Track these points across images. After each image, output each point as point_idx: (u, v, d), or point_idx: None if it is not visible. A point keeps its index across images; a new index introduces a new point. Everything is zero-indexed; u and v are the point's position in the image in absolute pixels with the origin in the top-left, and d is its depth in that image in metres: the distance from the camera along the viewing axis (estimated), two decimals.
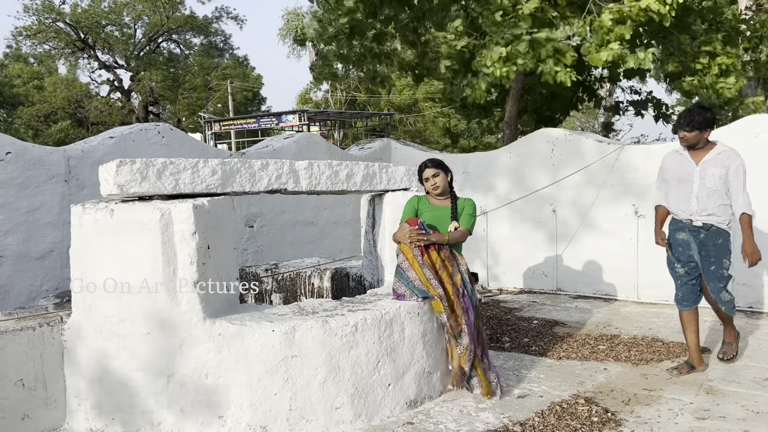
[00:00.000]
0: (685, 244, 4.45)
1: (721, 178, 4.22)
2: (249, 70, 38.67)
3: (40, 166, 5.22)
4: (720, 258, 4.31)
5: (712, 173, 4.25)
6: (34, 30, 31.57)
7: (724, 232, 4.30)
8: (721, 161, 4.23)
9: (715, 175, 4.24)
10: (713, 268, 4.34)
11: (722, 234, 4.30)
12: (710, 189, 4.26)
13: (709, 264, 4.35)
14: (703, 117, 4.20)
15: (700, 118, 4.19)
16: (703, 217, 4.32)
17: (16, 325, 3.51)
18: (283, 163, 4.12)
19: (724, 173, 4.21)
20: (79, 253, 3.65)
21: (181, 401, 3.45)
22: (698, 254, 4.41)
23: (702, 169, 4.29)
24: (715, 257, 4.31)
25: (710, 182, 4.26)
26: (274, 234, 7.47)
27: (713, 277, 4.35)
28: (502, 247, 8.02)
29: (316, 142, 8.10)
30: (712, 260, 4.33)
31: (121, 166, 3.42)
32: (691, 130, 4.24)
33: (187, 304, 3.45)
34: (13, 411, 3.43)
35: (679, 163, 4.43)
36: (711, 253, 4.32)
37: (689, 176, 4.35)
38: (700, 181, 4.29)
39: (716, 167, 4.23)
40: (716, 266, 4.33)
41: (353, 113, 26.79)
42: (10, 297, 4.99)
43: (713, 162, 4.25)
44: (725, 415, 3.67)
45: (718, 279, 4.34)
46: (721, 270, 4.33)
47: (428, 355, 3.95)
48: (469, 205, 4.29)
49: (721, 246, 4.30)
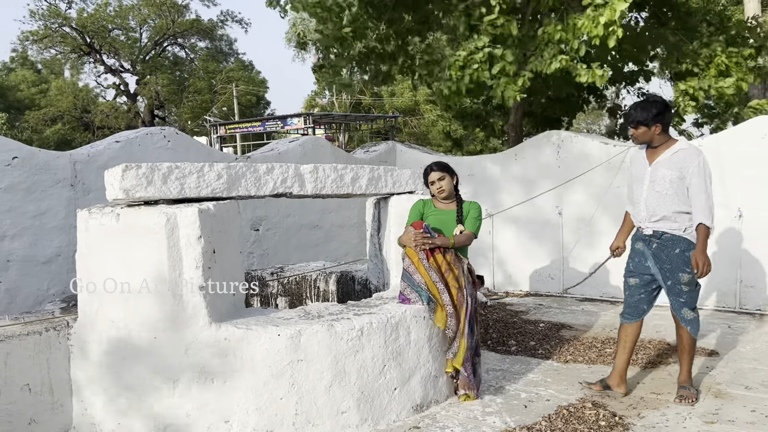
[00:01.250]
0: (641, 255, 4.00)
1: (674, 182, 3.76)
2: (254, 74, 38.79)
3: (47, 171, 5.24)
4: (675, 271, 3.81)
5: (662, 175, 3.80)
6: (40, 35, 31.76)
7: (680, 240, 3.80)
8: (675, 162, 3.76)
9: (665, 178, 3.78)
10: (669, 283, 3.86)
11: (678, 242, 3.80)
12: (659, 193, 3.81)
13: (665, 277, 3.88)
14: (646, 112, 3.78)
15: (643, 114, 3.79)
16: (653, 224, 3.87)
17: (22, 330, 3.51)
18: (288, 167, 4.11)
19: (678, 176, 3.75)
20: (85, 257, 3.65)
21: (187, 406, 3.44)
22: (655, 266, 3.93)
23: (653, 170, 3.85)
24: (670, 270, 3.83)
25: (660, 185, 3.81)
26: (280, 237, 7.47)
27: (670, 292, 3.89)
28: (508, 250, 8.00)
29: (321, 145, 8.10)
30: (668, 273, 3.86)
31: (127, 171, 3.42)
32: (637, 127, 3.84)
33: (193, 308, 3.44)
34: (20, 416, 3.43)
35: (637, 163, 4.02)
36: (665, 266, 3.85)
37: (642, 178, 3.93)
38: (650, 183, 3.86)
39: (669, 169, 3.77)
40: (672, 280, 3.84)
41: (358, 116, 26.82)
42: (17, 301, 5.00)
43: (666, 163, 3.80)
44: (734, 419, 3.64)
45: (676, 294, 3.86)
46: (679, 285, 3.83)
47: (434, 359, 3.94)
48: (474, 209, 4.28)
49: (677, 257, 3.80)
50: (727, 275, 6.49)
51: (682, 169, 3.75)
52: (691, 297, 3.87)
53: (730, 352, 5.02)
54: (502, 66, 6.86)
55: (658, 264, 3.90)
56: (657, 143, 3.87)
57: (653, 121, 3.80)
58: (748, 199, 6.33)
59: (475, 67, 6.92)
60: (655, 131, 3.83)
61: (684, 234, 3.80)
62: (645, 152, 3.96)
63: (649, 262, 3.96)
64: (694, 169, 3.72)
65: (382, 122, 26.71)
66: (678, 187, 3.77)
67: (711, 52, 7.78)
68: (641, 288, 4.03)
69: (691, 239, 3.79)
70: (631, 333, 4.08)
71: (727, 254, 6.47)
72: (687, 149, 3.79)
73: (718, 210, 6.40)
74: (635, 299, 4.07)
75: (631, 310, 4.09)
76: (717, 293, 6.57)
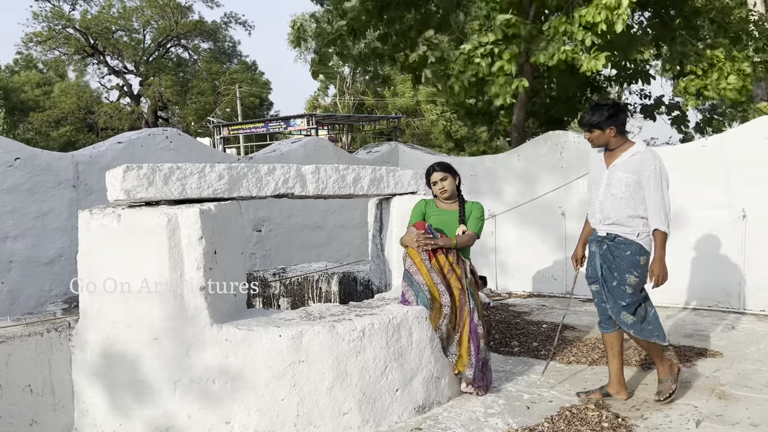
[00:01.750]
0: (593, 258, 3.94)
1: (630, 185, 3.70)
2: (257, 75, 38.83)
3: (49, 172, 5.24)
4: (623, 272, 3.74)
5: (618, 178, 3.74)
6: (44, 36, 31.85)
7: (632, 244, 3.73)
8: (631, 166, 3.71)
9: (621, 181, 3.73)
10: (615, 284, 3.78)
11: (629, 245, 3.73)
12: (615, 196, 3.76)
13: (612, 278, 3.79)
14: (599, 114, 3.74)
15: (596, 117, 3.75)
16: (607, 227, 3.82)
17: (24, 331, 3.51)
18: (290, 168, 4.11)
19: (635, 180, 3.69)
20: (86, 258, 3.65)
21: (188, 407, 3.44)
22: (600, 267, 3.87)
23: (610, 173, 3.80)
24: (618, 271, 3.76)
25: (615, 188, 3.75)
26: (282, 238, 7.47)
27: (613, 294, 3.80)
28: (511, 251, 7.98)
29: (323, 146, 8.10)
30: (615, 274, 3.77)
31: (128, 172, 3.42)
32: (591, 130, 3.80)
33: (194, 309, 3.44)
34: (21, 417, 3.43)
35: (596, 166, 3.97)
36: (612, 266, 3.78)
37: (599, 180, 3.89)
38: (606, 186, 3.80)
39: (624, 172, 3.72)
40: (618, 281, 3.76)
41: (361, 117, 26.84)
42: (19, 302, 5.00)
43: (623, 166, 3.75)
44: (737, 421, 3.62)
45: (618, 296, 3.78)
46: (624, 286, 3.74)
47: (436, 360, 3.93)
48: (477, 209, 4.27)
49: (626, 259, 3.73)
50: (731, 276, 6.46)
51: (638, 172, 3.69)
52: (633, 301, 3.77)
53: (734, 353, 4.99)
54: (501, 65, 6.86)
55: (605, 264, 3.84)
56: (614, 146, 3.83)
57: (606, 124, 3.75)
58: (752, 199, 6.30)
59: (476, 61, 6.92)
60: (610, 134, 3.78)
61: (637, 239, 3.73)
62: (603, 155, 3.91)
63: (597, 263, 3.91)
64: (650, 173, 3.66)
65: (385, 123, 26.72)
66: (634, 191, 3.71)
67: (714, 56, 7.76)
68: (601, 293, 3.95)
69: (642, 244, 3.73)
70: (614, 339, 3.99)
71: (730, 255, 6.45)
72: (643, 152, 3.74)
73: (722, 210, 6.45)
74: (601, 307, 3.99)
75: (603, 318, 4.01)
76: (720, 294, 6.55)
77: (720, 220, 6.50)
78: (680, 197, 6.71)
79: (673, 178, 6.62)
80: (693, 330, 5.77)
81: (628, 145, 3.81)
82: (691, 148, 6.81)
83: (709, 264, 6.59)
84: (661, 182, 3.67)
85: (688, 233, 6.69)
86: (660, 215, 3.66)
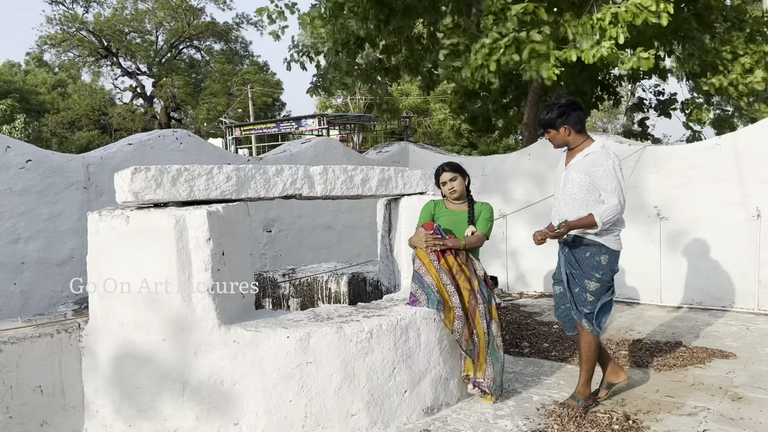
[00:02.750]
0: (559, 260, 3.88)
1: (582, 186, 3.63)
2: (269, 75, 38.95)
3: (60, 174, 5.28)
4: (582, 277, 3.67)
5: (572, 179, 3.68)
6: (58, 39, 32.16)
7: (591, 244, 3.65)
8: (584, 167, 3.63)
9: (574, 182, 3.66)
10: (577, 290, 3.71)
11: (588, 246, 3.65)
12: (570, 197, 3.69)
13: (573, 284, 3.73)
14: (551, 114, 3.68)
15: (548, 116, 3.70)
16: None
17: (34, 332, 3.53)
18: (298, 169, 4.10)
19: (588, 181, 3.61)
20: (95, 259, 3.67)
21: (197, 408, 3.44)
22: (564, 271, 3.80)
23: (566, 173, 3.74)
24: (578, 276, 3.70)
25: (570, 189, 3.69)
26: (292, 239, 7.47)
27: (575, 300, 3.73)
28: (522, 251, 7.93)
29: (333, 146, 8.10)
30: (575, 279, 3.71)
31: (136, 174, 3.43)
32: (546, 130, 3.77)
33: (203, 310, 3.44)
34: (32, 417, 3.45)
35: (558, 166, 3.92)
36: (574, 272, 3.72)
37: (558, 180, 3.84)
38: (563, 187, 3.75)
39: (578, 173, 3.65)
40: (579, 288, 3.69)
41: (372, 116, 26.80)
42: (31, 303, 5.05)
43: (576, 167, 3.67)
44: (751, 423, 3.56)
45: (580, 303, 3.70)
46: (585, 294, 3.67)
47: (445, 361, 3.91)
48: (486, 210, 4.24)
49: (585, 261, 3.66)
50: (746, 276, 6.38)
51: (590, 173, 3.61)
52: (593, 309, 3.69)
53: (748, 354, 4.92)
54: (532, 48, 6.69)
55: (568, 269, 3.78)
56: (573, 145, 3.75)
57: (559, 123, 3.69)
58: (767, 198, 6.22)
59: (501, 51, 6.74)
60: (565, 133, 3.71)
61: (597, 238, 3.65)
62: (565, 155, 3.86)
63: (561, 266, 3.85)
64: (602, 173, 3.57)
65: (396, 123, 26.69)
66: (588, 192, 3.63)
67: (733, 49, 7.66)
68: (564, 297, 3.89)
69: (602, 242, 3.65)
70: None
71: (745, 255, 6.37)
72: (597, 152, 3.64)
73: (735, 210, 6.37)
74: (561, 310, 3.95)
75: (564, 321, 3.97)
76: (735, 294, 6.47)
77: (734, 220, 6.42)
78: (696, 196, 6.65)
79: (691, 176, 6.62)
80: (706, 330, 5.70)
81: (586, 144, 3.72)
82: (705, 147, 6.74)
83: (724, 264, 6.51)
84: (614, 180, 3.56)
85: (703, 232, 6.62)
86: (605, 211, 3.53)
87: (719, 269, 6.54)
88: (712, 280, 6.59)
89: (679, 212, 6.78)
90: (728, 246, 6.47)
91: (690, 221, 6.73)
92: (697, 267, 6.66)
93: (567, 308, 3.90)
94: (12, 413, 3.36)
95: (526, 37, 6.64)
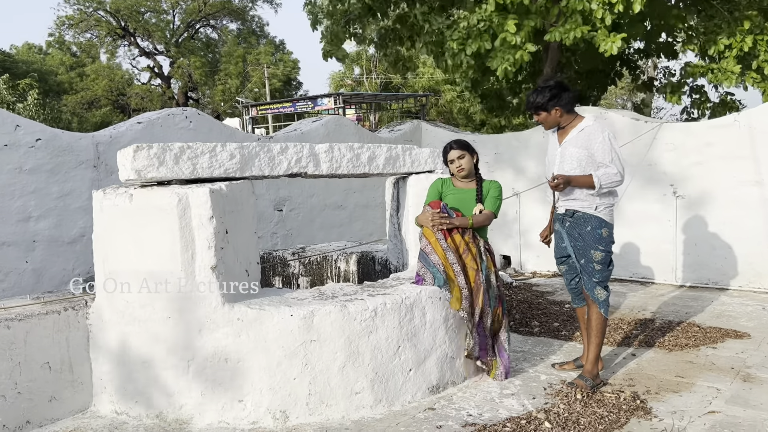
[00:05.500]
0: (559, 237, 4.00)
1: (582, 160, 3.71)
2: (286, 55, 38.77)
3: (70, 152, 5.30)
4: (587, 249, 3.76)
5: (570, 154, 3.76)
6: (76, 19, 32.26)
7: (591, 218, 3.75)
8: (581, 141, 3.72)
9: (573, 157, 3.74)
10: (583, 262, 3.81)
11: (589, 220, 3.75)
12: (569, 172, 3.75)
13: (579, 255, 3.84)
14: (541, 97, 3.76)
15: (539, 99, 3.78)
16: (565, 203, 3.85)
17: (41, 309, 3.57)
18: (303, 146, 4.07)
19: (586, 154, 3.70)
20: (100, 238, 3.68)
21: (202, 385, 3.46)
22: (570, 245, 3.90)
23: (562, 149, 3.83)
24: (583, 248, 3.79)
25: (568, 164, 3.77)
26: (303, 217, 7.47)
27: (584, 271, 3.83)
28: (535, 229, 7.82)
29: (344, 124, 8.04)
30: (581, 252, 3.81)
31: (138, 152, 3.42)
32: (537, 113, 3.84)
33: (206, 288, 3.44)
34: (41, 393, 3.50)
35: (551, 145, 4.02)
36: (578, 244, 3.81)
37: (553, 158, 3.92)
38: (560, 164, 3.83)
39: (575, 147, 3.74)
40: (585, 259, 3.79)
41: (388, 95, 26.62)
42: (43, 281, 5.10)
43: (573, 141, 3.76)
44: (761, 404, 3.50)
45: (589, 274, 3.79)
46: (591, 264, 3.77)
47: (451, 340, 3.88)
48: (494, 188, 4.17)
49: (588, 234, 3.76)
50: (763, 255, 6.25)
51: (588, 147, 3.71)
52: (603, 275, 3.80)
53: (762, 334, 4.84)
54: (504, 37, 6.66)
55: (572, 242, 3.88)
56: (564, 123, 3.85)
57: (551, 105, 3.78)
58: None
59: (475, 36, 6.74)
60: (556, 114, 3.81)
61: (595, 212, 3.75)
62: (556, 134, 3.95)
63: (564, 242, 3.95)
64: (598, 146, 3.68)
65: (412, 101, 26.47)
66: (586, 166, 3.72)
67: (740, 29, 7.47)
68: (572, 272, 4.01)
69: (602, 217, 3.75)
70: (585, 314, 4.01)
71: (762, 233, 6.23)
72: (592, 126, 3.75)
73: (753, 188, 6.23)
74: (572, 285, 4.05)
75: (574, 295, 4.09)
76: (751, 273, 6.35)
77: (751, 198, 6.29)
78: (713, 174, 6.51)
79: (708, 153, 6.47)
80: (721, 310, 5.61)
81: (578, 120, 3.83)
82: (722, 123, 6.58)
83: (740, 243, 6.38)
84: (611, 150, 3.67)
85: (719, 211, 6.50)
86: (603, 177, 3.64)
87: (736, 248, 6.42)
88: (729, 259, 6.47)
89: (696, 190, 6.65)
90: (745, 225, 6.33)
91: (707, 199, 6.60)
92: (713, 246, 6.54)
93: (577, 282, 4.00)
94: (20, 389, 3.40)
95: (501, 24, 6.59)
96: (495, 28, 6.67)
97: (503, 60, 6.76)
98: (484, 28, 6.71)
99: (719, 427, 3.23)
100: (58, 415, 3.58)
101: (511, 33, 6.56)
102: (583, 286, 3.87)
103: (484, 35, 6.76)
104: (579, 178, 3.70)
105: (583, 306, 4.03)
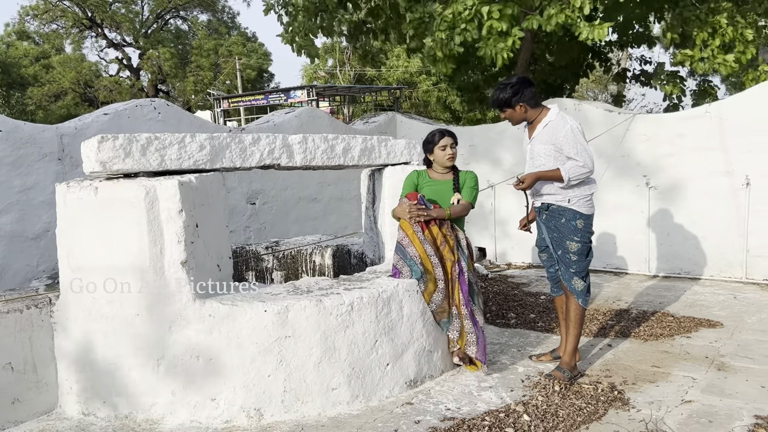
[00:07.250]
0: (539, 228, 4.03)
1: (549, 155, 3.72)
2: (257, 46, 38.29)
3: (32, 144, 5.11)
4: (563, 240, 3.78)
5: (538, 150, 3.79)
6: (41, 9, 31.40)
7: (566, 211, 3.76)
8: (546, 137, 3.73)
9: (541, 153, 3.77)
10: (560, 252, 3.84)
11: (564, 213, 3.76)
12: (539, 167, 3.79)
13: (556, 247, 3.86)
14: (504, 94, 3.76)
15: (502, 97, 3.77)
16: (540, 197, 3.89)
17: (2, 308, 3.42)
18: (276, 137, 3.97)
19: (553, 149, 3.70)
20: (65, 233, 3.54)
21: (173, 384, 3.36)
22: (547, 237, 3.93)
23: (531, 146, 3.87)
24: (559, 239, 3.81)
25: (538, 160, 3.80)
26: (277, 211, 7.35)
27: (561, 261, 3.85)
28: (511, 221, 7.83)
29: (318, 116, 7.93)
30: (557, 243, 3.84)
31: (103, 143, 3.29)
32: (502, 110, 3.84)
33: (176, 284, 3.34)
34: (3, 395, 3.36)
35: (524, 141, 4.03)
36: (554, 235, 3.84)
37: (526, 155, 3.96)
38: (530, 160, 3.88)
39: (542, 144, 3.76)
40: (562, 250, 3.81)
41: (362, 88, 26.45)
42: (5, 278, 4.91)
43: (540, 138, 3.79)
44: (736, 392, 3.52)
45: (566, 264, 3.81)
46: (568, 254, 3.78)
47: (428, 333, 3.83)
48: (470, 178, 4.12)
49: (563, 226, 3.77)
50: (734, 244, 6.33)
51: (554, 142, 3.70)
52: (580, 266, 3.81)
53: (734, 323, 4.88)
54: (490, 24, 6.64)
55: (549, 234, 3.90)
56: (531, 118, 3.85)
57: (515, 101, 3.77)
58: (757, 166, 6.14)
59: (462, 26, 6.71)
60: (522, 110, 3.81)
61: (569, 205, 3.76)
62: (527, 130, 3.95)
63: (543, 233, 3.97)
64: (562, 139, 3.67)
65: (386, 94, 26.36)
66: (555, 160, 3.72)
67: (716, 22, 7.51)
68: (550, 261, 4.03)
69: (576, 209, 3.75)
70: (563, 303, 4.02)
71: (733, 223, 6.31)
72: (554, 120, 3.74)
73: (724, 178, 6.29)
74: (551, 273, 4.07)
75: (553, 283, 4.11)
76: (723, 263, 6.42)
77: (722, 188, 6.35)
78: (685, 165, 6.56)
79: (680, 144, 6.52)
80: (694, 300, 5.66)
81: (543, 115, 3.81)
82: (694, 115, 6.62)
83: (712, 233, 6.45)
84: (575, 142, 3.64)
85: (691, 202, 6.55)
86: (570, 169, 3.64)
87: (708, 238, 6.49)
88: (701, 249, 6.54)
89: (668, 181, 6.70)
90: (717, 215, 6.40)
91: (678, 190, 6.65)
92: (686, 236, 6.60)
93: (556, 271, 4.00)
94: None
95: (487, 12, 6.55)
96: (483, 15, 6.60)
97: (494, 48, 6.70)
98: (469, 17, 6.65)
99: (696, 417, 3.23)
100: (21, 417, 3.44)
101: (495, 19, 6.52)
102: (561, 276, 3.89)
103: (470, 24, 6.70)
104: (548, 173, 3.71)
105: (561, 295, 4.04)
